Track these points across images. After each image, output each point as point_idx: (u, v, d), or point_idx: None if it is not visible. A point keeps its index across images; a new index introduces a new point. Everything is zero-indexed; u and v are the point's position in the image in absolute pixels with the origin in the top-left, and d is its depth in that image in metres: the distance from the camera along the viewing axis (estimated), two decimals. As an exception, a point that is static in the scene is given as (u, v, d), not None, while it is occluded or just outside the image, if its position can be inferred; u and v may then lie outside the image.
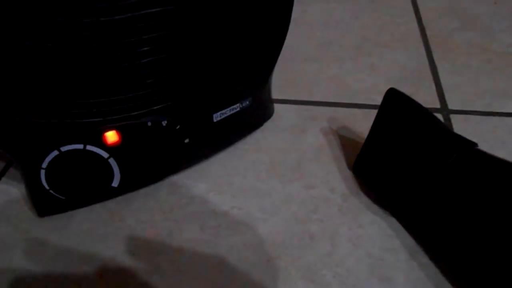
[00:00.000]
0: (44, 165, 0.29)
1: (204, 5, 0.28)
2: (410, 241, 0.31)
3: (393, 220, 0.32)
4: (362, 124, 0.39)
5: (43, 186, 0.30)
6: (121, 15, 0.25)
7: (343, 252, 0.30)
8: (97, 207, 0.33)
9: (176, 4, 0.27)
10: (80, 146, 0.29)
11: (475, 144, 0.29)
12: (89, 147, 0.29)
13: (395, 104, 0.32)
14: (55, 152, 0.29)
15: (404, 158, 0.31)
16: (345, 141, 0.38)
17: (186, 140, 0.33)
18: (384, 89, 0.42)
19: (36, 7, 0.23)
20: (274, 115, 0.40)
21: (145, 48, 0.27)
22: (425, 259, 0.30)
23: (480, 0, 0.55)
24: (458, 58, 0.47)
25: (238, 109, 0.35)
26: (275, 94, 0.41)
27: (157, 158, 0.33)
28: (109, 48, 0.26)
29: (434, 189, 0.29)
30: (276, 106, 0.41)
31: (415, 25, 0.52)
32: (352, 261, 0.30)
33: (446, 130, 0.30)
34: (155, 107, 0.30)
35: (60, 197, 0.31)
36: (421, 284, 0.28)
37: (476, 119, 0.40)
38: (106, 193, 0.33)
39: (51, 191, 0.31)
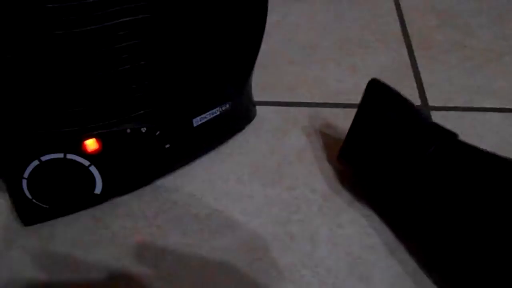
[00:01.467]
0: (26, 174, 0.30)
1: (179, 12, 0.29)
2: (389, 238, 0.31)
3: (373, 219, 0.33)
4: (343, 123, 0.40)
5: (26, 196, 0.31)
6: (95, 25, 0.26)
7: (323, 252, 0.31)
8: (82, 214, 0.34)
9: (151, 12, 0.27)
10: (61, 155, 0.30)
11: (455, 135, 0.30)
12: (69, 156, 0.30)
13: (377, 94, 0.33)
14: (36, 162, 0.29)
15: (385, 148, 0.31)
16: (327, 141, 0.39)
17: (167, 146, 0.33)
18: (364, 88, 0.43)
19: (11, 21, 0.24)
20: (256, 117, 0.41)
21: (122, 56, 0.28)
22: (404, 255, 0.30)
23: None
24: (438, 55, 0.47)
25: (218, 113, 0.35)
26: (257, 96, 0.42)
27: (138, 164, 0.33)
28: (85, 58, 0.27)
29: (415, 180, 0.29)
30: (258, 108, 0.42)
31: (397, 24, 0.52)
32: (331, 261, 0.30)
33: (426, 120, 0.31)
34: (133, 114, 0.31)
35: (44, 206, 0.32)
36: (399, 281, 0.29)
37: (456, 115, 0.40)
38: (89, 200, 0.33)
39: (34, 200, 0.31)
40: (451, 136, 0.30)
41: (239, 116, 0.38)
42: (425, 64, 0.46)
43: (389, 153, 0.31)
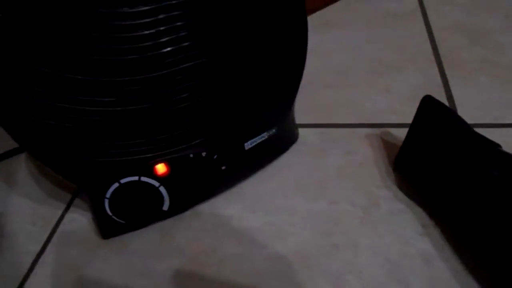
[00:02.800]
0: (108, 195, 0.35)
1: (231, 56, 0.34)
2: (425, 247, 0.34)
3: (409, 230, 0.36)
4: (378, 142, 0.44)
5: (107, 213, 0.36)
6: (163, 70, 0.32)
7: (364, 260, 0.34)
8: (151, 228, 0.39)
9: (207, 57, 0.33)
10: (136, 178, 0.35)
11: (498, 145, 0.33)
12: (143, 178, 0.35)
13: (430, 108, 0.37)
14: (116, 184, 0.35)
15: (435, 155, 0.35)
16: (363, 158, 0.42)
17: (223, 167, 0.38)
18: (398, 108, 0.46)
19: (97, 70, 0.30)
20: (299, 139, 0.45)
21: (184, 95, 0.33)
22: (439, 263, 0.33)
23: (489, 15, 0.58)
24: (469, 74, 0.50)
25: (266, 137, 0.40)
26: (299, 119, 0.46)
27: (199, 183, 0.38)
28: (155, 99, 0.32)
29: (460, 182, 0.33)
30: (300, 130, 0.46)
31: (427, 45, 0.55)
32: (372, 267, 0.34)
33: (473, 131, 0.35)
34: (195, 142, 0.36)
35: (121, 221, 0.37)
36: (434, 285, 0.32)
37: (487, 132, 0.43)
38: (158, 216, 0.39)
39: (113, 216, 0.37)
40: (494, 145, 0.33)
41: (284, 138, 0.43)
42: (456, 83, 0.49)
43: (438, 159, 0.35)
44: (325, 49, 0.58)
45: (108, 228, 0.38)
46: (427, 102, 0.38)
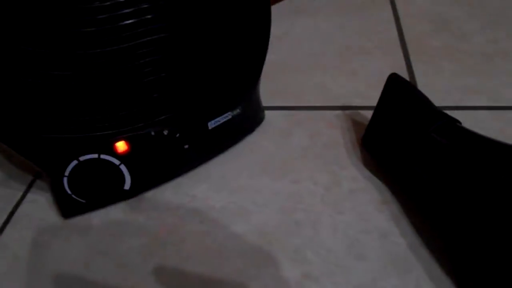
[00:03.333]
0: (67, 173, 0.35)
1: (193, 31, 0.33)
2: (383, 223, 0.35)
3: (368, 207, 0.36)
4: (343, 123, 0.44)
5: (66, 191, 0.36)
6: (124, 44, 0.31)
7: (324, 236, 0.35)
8: (113, 208, 0.39)
9: (169, 32, 0.32)
10: (95, 156, 0.35)
11: (457, 121, 0.34)
12: (103, 156, 0.35)
13: (395, 85, 0.38)
14: (75, 162, 0.34)
15: (399, 130, 0.36)
16: (328, 139, 0.43)
17: (186, 146, 0.38)
18: (363, 91, 0.47)
19: (54, 43, 0.29)
20: (265, 120, 0.45)
21: (146, 70, 0.33)
22: (396, 237, 0.34)
23: (454, 3, 0.60)
24: (433, 60, 0.51)
25: (230, 117, 0.40)
26: (266, 102, 0.46)
27: (161, 163, 0.38)
28: (116, 74, 0.32)
29: (420, 155, 0.34)
30: (267, 112, 0.46)
31: (394, 32, 0.56)
32: (331, 243, 0.34)
33: (435, 108, 0.35)
34: (157, 119, 0.35)
35: (81, 200, 0.37)
36: (391, 259, 0.33)
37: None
38: (119, 195, 0.38)
39: (73, 195, 0.36)
40: (453, 120, 0.34)
41: (249, 119, 0.43)
42: (420, 68, 0.50)
43: (401, 134, 0.36)
44: (295, 35, 0.58)
45: (68, 207, 0.37)
46: (393, 79, 0.38)
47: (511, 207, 0.28)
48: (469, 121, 0.43)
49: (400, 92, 0.37)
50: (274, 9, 0.57)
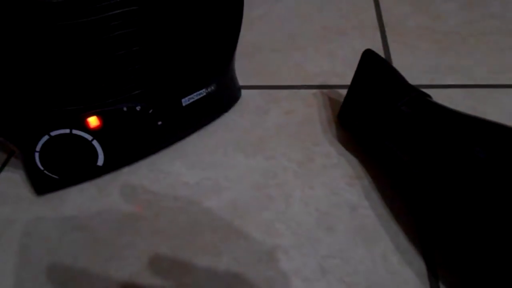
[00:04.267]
0: (38, 148, 0.35)
1: (164, 3, 0.33)
2: (353, 197, 0.36)
3: (340, 182, 0.37)
4: (319, 101, 0.44)
5: (38, 167, 0.36)
6: (93, 16, 0.31)
7: (296, 209, 0.35)
8: (87, 185, 0.39)
9: (139, 4, 0.32)
10: (67, 131, 0.35)
11: (427, 95, 0.35)
12: (74, 131, 0.35)
13: (369, 61, 0.38)
14: (46, 137, 0.34)
15: (372, 105, 0.36)
16: (303, 117, 0.43)
17: (159, 123, 0.38)
18: (340, 71, 0.48)
19: (22, 13, 0.29)
20: (241, 99, 0.45)
21: (118, 43, 0.33)
22: (365, 211, 0.35)
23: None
24: (409, 40, 0.51)
25: (204, 94, 0.40)
26: (242, 81, 0.47)
27: (135, 139, 0.38)
28: (86, 46, 0.31)
29: (390, 128, 0.34)
30: (243, 91, 0.46)
31: (373, 13, 0.56)
32: (302, 216, 0.35)
33: (407, 83, 0.36)
34: (129, 94, 0.35)
35: (54, 176, 0.37)
36: (360, 231, 0.33)
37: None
38: (93, 172, 0.38)
39: (45, 171, 0.36)
40: (423, 94, 0.35)
41: (224, 97, 0.43)
42: (397, 49, 0.50)
43: (373, 108, 0.36)
44: (274, 16, 0.58)
45: (41, 184, 0.37)
46: (367, 55, 0.39)
47: (478, 178, 0.29)
48: (442, 98, 0.43)
49: (373, 68, 0.38)
50: (253, -11, 0.57)
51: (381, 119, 0.35)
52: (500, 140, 0.29)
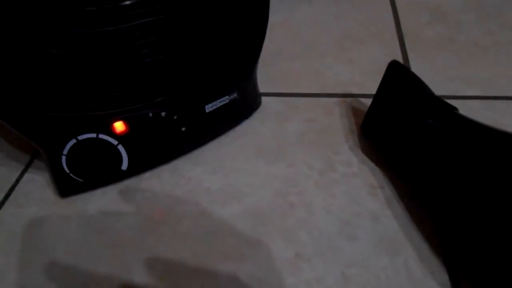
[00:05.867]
0: (65, 151, 0.35)
1: (190, 13, 0.34)
2: (375, 206, 0.36)
3: (361, 191, 0.37)
4: (339, 110, 0.45)
5: (64, 170, 0.36)
6: (124, 24, 0.31)
7: (317, 218, 0.36)
8: (110, 188, 0.39)
9: (166, 13, 0.33)
10: (94, 135, 0.35)
11: (454, 108, 0.35)
12: (101, 136, 0.35)
13: (395, 72, 0.39)
14: (73, 141, 0.35)
15: (398, 116, 0.37)
16: (323, 125, 0.44)
17: (183, 129, 0.39)
18: (359, 80, 0.48)
19: (55, 20, 0.30)
20: (261, 106, 0.46)
21: (144, 51, 0.33)
22: (387, 219, 0.35)
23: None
24: (428, 50, 0.51)
25: (227, 101, 0.40)
26: (263, 88, 0.47)
27: (159, 144, 0.39)
28: (114, 54, 0.32)
29: (417, 141, 0.34)
30: (264, 98, 0.47)
31: (391, 21, 0.57)
32: (324, 225, 0.35)
33: (433, 94, 0.36)
34: (155, 101, 0.36)
35: (79, 179, 0.37)
36: (381, 240, 0.34)
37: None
38: (117, 176, 0.39)
39: (71, 174, 0.37)
40: (450, 107, 0.35)
41: (246, 104, 0.43)
42: (416, 58, 0.50)
43: (399, 119, 0.36)
44: (294, 24, 0.58)
45: (66, 186, 0.38)
46: (393, 66, 0.39)
47: (505, 193, 0.29)
48: (463, 110, 0.43)
49: (399, 79, 0.38)
50: (273, -3, 0.57)
51: (408, 131, 0.35)
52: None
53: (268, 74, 0.49)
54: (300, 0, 0.62)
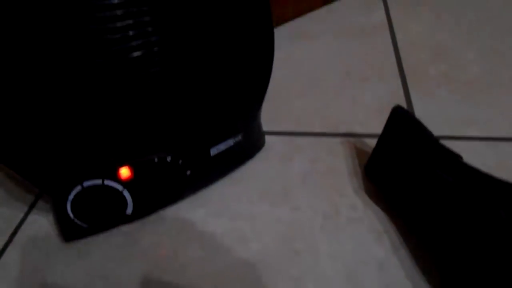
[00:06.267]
0: (70, 197, 0.35)
1: (197, 58, 0.34)
2: (381, 253, 0.36)
3: (367, 237, 0.37)
4: (343, 150, 0.45)
5: (69, 216, 0.36)
6: (131, 73, 0.32)
7: (323, 266, 0.35)
8: (114, 232, 0.39)
9: (174, 61, 0.33)
10: (99, 181, 0.35)
11: (459, 156, 0.35)
12: (106, 182, 0.35)
13: (399, 118, 0.39)
14: (79, 187, 0.35)
15: (402, 164, 0.37)
16: (327, 166, 0.44)
17: (188, 172, 0.39)
18: (362, 119, 0.48)
19: (61, 72, 0.30)
20: (265, 145, 0.46)
21: (152, 100, 0.33)
22: (393, 267, 0.35)
23: (452, 32, 0.61)
24: (430, 88, 0.52)
25: (231, 143, 0.41)
26: (266, 126, 0.47)
27: (164, 188, 0.39)
28: (120, 101, 0.32)
29: (424, 192, 0.34)
30: (267, 137, 0.47)
31: (393, 58, 0.57)
32: (330, 272, 0.35)
33: (437, 142, 0.36)
34: (160, 146, 0.36)
35: (83, 225, 0.37)
36: (389, 290, 0.33)
37: (445, 144, 0.45)
38: (121, 220, 0.39)
39: (75, 220, 0.37)
40: (455, 156, 0.35)
41: (251, 145, 0.44)
42: (418, 97, 0.51)
43: (404, 168, 0.36)
44: (296, 59, 0.59)
45: (70, 231, 0.38)
46: (397, 112, 0.39)
47: (509, 244, 0.29)
48: (466, 152, 0.44)
49: (403, 125, 0.38)
50: (275, 32, 0.58)
51: (413, 180, 0.35)
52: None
53: (271, 111, 0.50)
54: (300, 36, 0.63)
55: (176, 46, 0.33)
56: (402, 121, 0.38)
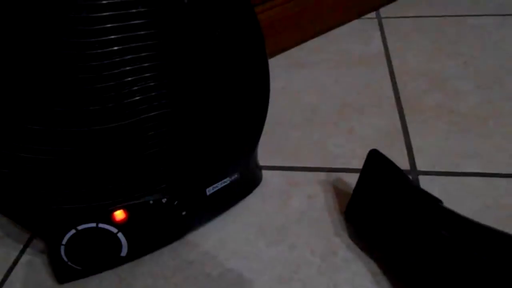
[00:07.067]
0: (64, 241, 0.35)
1: (195, 105, 0.34)
2: (379, 297, 0.35)
3: (364, 279, 0.37)
4: (340, 186, 0.45)
5: (63, 259, 0.36)
6: (126, 120, 0.32)
7: (320, 309, 0.35)
8: (108, 274, 0.39)
9: (171, 107, 0.33)
10: (93, 225, 0.35)
11: (439, 201, 0.35)
12: (101, 225, 0.35)
13: (375, 163, 0.39)
14: (73, 231, 0.35)
15: (380, 210, 0.36)
16: (325, 203, 0.43)
17: (184, 213, 0.38)
18: (360, 153, 0.48)
19: (55, 121, 0.30)
20: (263, 181, 0.46)
21: (148, 144, 0.33)
22: (392, 314, 0.34)
23: (449, 61, 0.61)
24: (427, 120, 0.52)
25: (228, 182, 0.40)
26: (263, 161, 0.47)
27: (159, 229, 0.38)
28: (115, 148, 0.32)
29: (406, 237, 0.34)
30: (264, 172, 0.47)
31: (390, 89, 0.58)
32: (327, 318, 0.34)
33: (416, 187, 0.36)
34: (156, 188, 0.36)
35: (77, 267, 0.37)
36: (387, 338, 0.33)
37: (442, 180, 0.45)
38: (115, 262, 0.38)
39: (69, 263, 0.36)
40: (436, 200, 0.35)
41: (247, 182, 0.43)
42: (415, 128, 0.51)
43: (384, 213, 0.36)
44: (293, 89, 0.59)
45: (64, 274, 0.37)
46: (373, 156, 0.39)
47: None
48: (462, 188, 0.43)
49: (380, 170, 0.38)
50: (271, 62, 0.58)
51: (392, 226, 0.35)
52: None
53: (267, 144, 0.49)
54: (297, 65, 0.64)
55: (173, 90, 0.33)
56: (378, 165, 0.38)
